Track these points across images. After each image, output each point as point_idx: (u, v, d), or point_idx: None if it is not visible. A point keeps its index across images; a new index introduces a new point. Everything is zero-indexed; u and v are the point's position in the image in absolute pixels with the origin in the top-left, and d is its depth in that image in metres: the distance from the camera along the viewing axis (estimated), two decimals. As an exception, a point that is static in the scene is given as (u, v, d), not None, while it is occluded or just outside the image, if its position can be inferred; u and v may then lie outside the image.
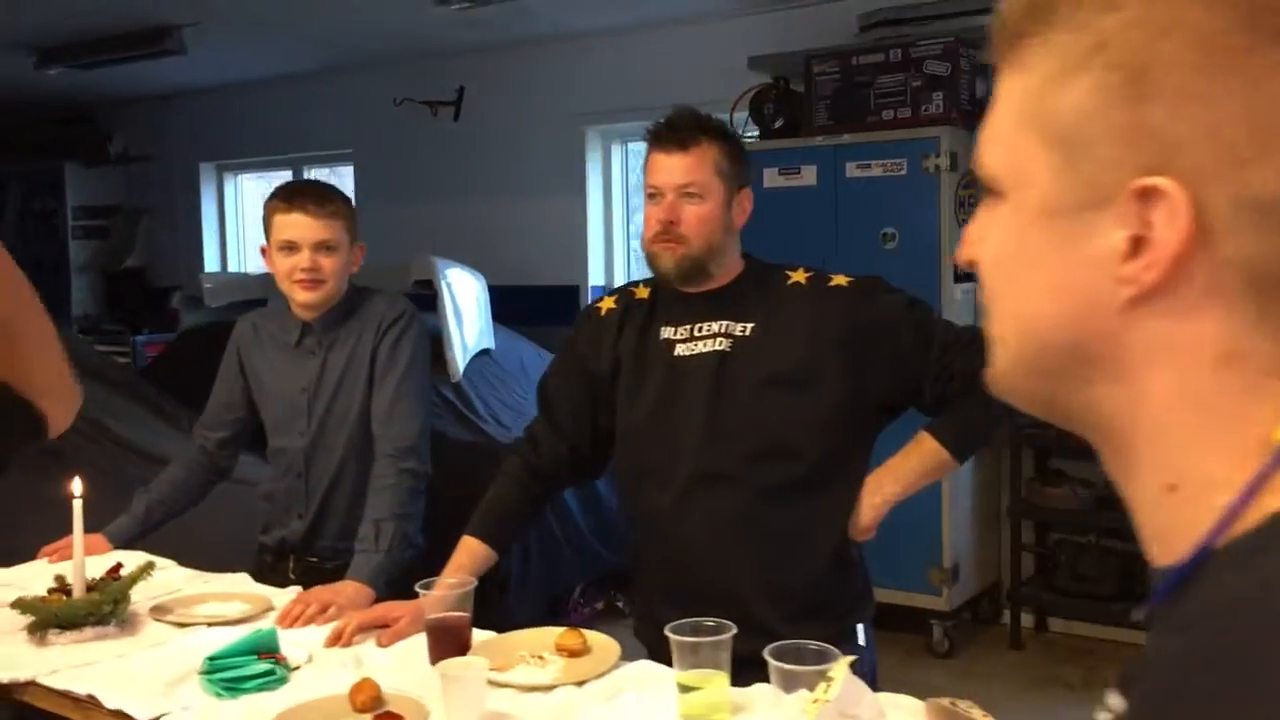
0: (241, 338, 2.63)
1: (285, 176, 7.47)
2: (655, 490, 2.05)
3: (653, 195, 2.00)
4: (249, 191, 7.87)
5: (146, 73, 6.50)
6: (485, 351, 5.34)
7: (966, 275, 4.40)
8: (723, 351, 2.01)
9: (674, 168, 1.98)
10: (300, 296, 2.46)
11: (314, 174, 7.35)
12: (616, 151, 6.09)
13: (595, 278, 6.08)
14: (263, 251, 2.52)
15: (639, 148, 6.14)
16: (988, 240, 0.66)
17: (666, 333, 2.08)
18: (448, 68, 6.33)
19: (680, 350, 2.05)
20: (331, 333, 2.51)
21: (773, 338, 2.00)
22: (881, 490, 2.02)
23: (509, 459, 2.23)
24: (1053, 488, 4.48)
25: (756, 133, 4.91)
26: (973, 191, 4.55)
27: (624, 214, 6.13)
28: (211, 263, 7.65)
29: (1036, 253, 0.62)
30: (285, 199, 2.44)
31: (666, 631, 1.66)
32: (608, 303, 2.19)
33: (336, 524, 2.51)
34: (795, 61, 4.85)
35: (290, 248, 2.43)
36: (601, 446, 2.17)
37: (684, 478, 2.01)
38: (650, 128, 2.02)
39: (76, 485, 2.12)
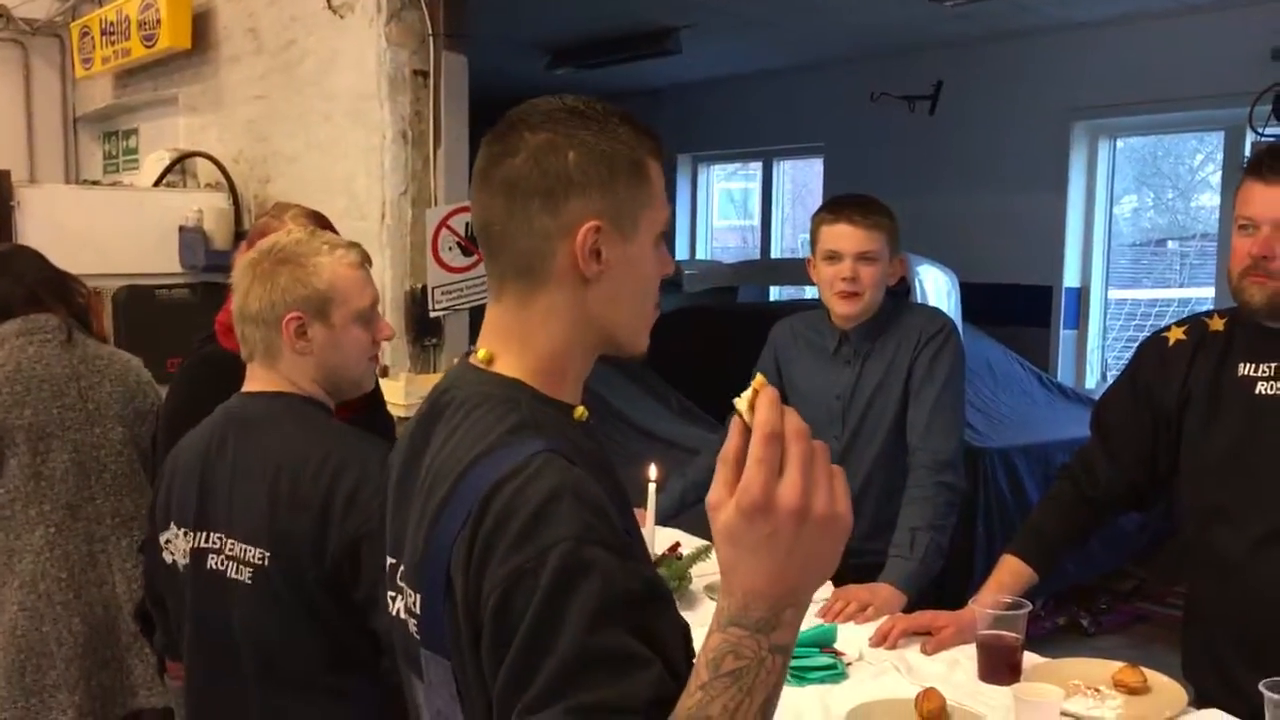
0: (779, 340, 2.78)
1: (755, 168, 7.77)
2: (1226, 534, 1.97)
3: (1245, 227, 1.92)
4: (716, 183, 8.27)
5: (636, 71, 6.98)
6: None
7: None
8: None
9: (1273, 200, 1.88)
10: (840, 308, 2.56)
11: (784, 166, 7.59)
12: (1104, 147, 5.81)
13: (1070, 279, 5.86)
14: (808, 264, 2.66)
15: (1129, 143, 5.84)
16: None
17: (1245, 369, 1.98)
18: (925, 61, 6.31)
19: (1262, 389, 1.95)
20: (868, 343, 2.59)
21: None
22: None
23: (1058, 481, 2.22)
24: None
25: (1280, 131, 4.53)
26: None
27: (1106, 213, 5.85)
28: (681, 250, 8.11)
29: None
30: (831, 210, 2.56)
31: (1261, 688, 1.61)
32: (1176, 333, 2.11)
33: (864, 525, 2.58)
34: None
35: (833, 257, 2.54)
36: (1160, 480, 2.11)
37: (1262, 524, 1.92)
38: (1251, 156, 1.93)
39: (653, 470, 2.35)
